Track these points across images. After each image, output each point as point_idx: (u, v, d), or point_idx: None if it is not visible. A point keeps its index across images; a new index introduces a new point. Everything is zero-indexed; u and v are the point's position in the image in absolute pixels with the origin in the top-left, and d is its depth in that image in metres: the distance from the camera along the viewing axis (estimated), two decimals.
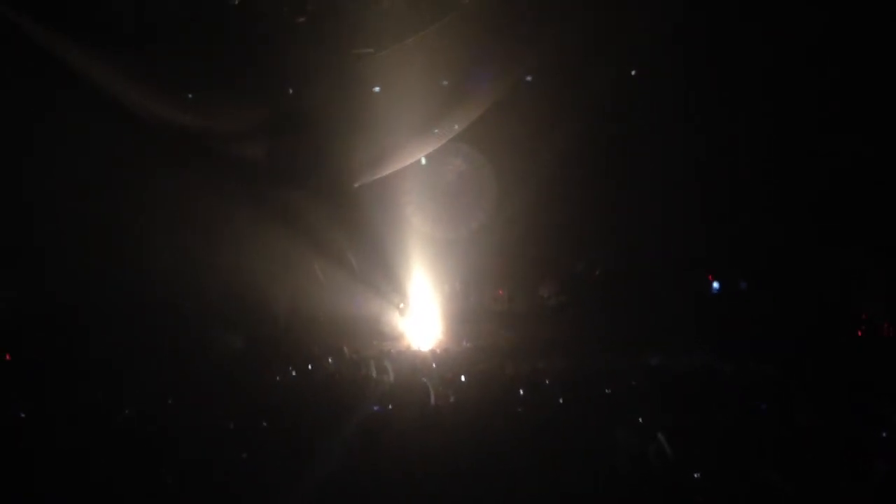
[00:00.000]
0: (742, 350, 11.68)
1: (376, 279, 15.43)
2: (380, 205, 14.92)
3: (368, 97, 13.82)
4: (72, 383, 10.68)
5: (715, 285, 15.25)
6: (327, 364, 12.45)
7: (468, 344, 14.26)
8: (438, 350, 13.86)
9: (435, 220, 15.38)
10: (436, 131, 14.08)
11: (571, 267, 16.23)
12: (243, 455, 8.17)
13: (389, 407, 9.57)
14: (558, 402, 9.72)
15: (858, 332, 13.15)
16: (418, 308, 15.56)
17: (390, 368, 11.76)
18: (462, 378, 11.03)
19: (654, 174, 14.36)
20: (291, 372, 11.90)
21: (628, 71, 14.23)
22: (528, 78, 14.29)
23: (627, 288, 14.83)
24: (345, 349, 13.19)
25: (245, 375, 11.46)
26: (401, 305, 15.53)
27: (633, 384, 10.44)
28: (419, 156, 14.45)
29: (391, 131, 14.02)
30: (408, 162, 14.40)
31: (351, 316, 15.44)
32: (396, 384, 10.89)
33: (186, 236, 14.04)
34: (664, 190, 14.41)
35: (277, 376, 11.62)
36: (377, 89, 13.88)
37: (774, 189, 13.68)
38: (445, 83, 13.61)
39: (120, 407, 9.63)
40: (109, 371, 11.08)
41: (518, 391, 10.15)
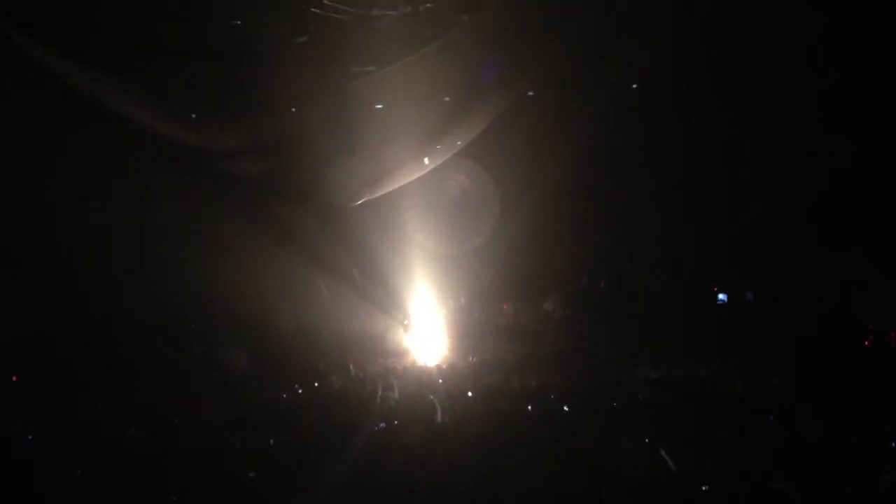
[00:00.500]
0: (748, 361, 11.64)
1: (380, 295, 15.43)
2: (383, 221, 14.95)
3: (371, 114, 13.89)
4: (76, 400, 10.69)
5: (721, 297, 15.23)
6: (333, 381, 12.44)
7: (474, 359, 14.21)
8: (444, 365, 13.82)
9: (438, 236, 15.39)
10: (438, 147, 14.11)
11: (576, 280, 16.22)
12: (250, 473, 8.16)
13: (395, 423, 9.56)
14: (565, 416, 9.70)
15: (865, 343, 13.12)
16: (423, 324, 15.55)
17: (396, 384, 11.75)
18: (468, 393, 11.00)
19: (657, 186, 14.38)
20: (297, 389, 11.89)
21: (629, 84, 14.29)
22: (530, 93, 14.35)
23: (632, 300, 14.81)
24: (350, 366, 13.19)
25: (251, 392, 11.45)
26: (405, 321, 15.52)
27: (640, 397, 10.42)
28: (422, 172, 14.47)
29: (394, 148, 14.08)
30: (411, 178, 14.43)
31: (356, 332, 15.45)
32: (402, 400, 10.86)
33: (191, 254, 14.07)
34: (667, 202, 14.42)
35: (283, 393, 11.60)
36: (379, 106, 13.95)
37: (779, 199, 13.68)
38: (447, 99, 13.66)
39: (124, 424, 9.62)
40: (114, 388, 11.08)
41: (525, 406, 10.13)
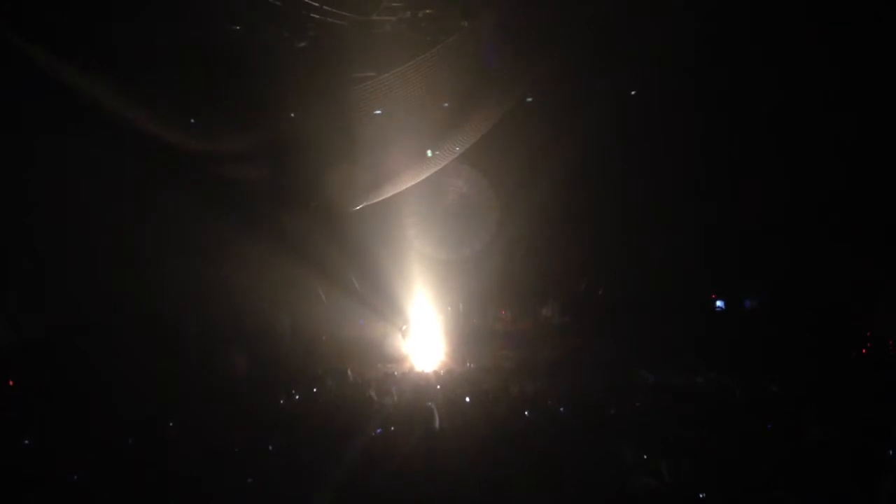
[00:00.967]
0: (746, 368, 11.64)
1: (379, 301, 15.43)
2: (382, 227, 14.96)
3: (370, 120, 13.91)
4: (73, 405, 10.66)
5: (719, 304, 15.23)
6: (331, 386, 12.42)
7: (471, 365, 14.20)
8: (442, 371, 13.81)
9: (437, 241, 15.40)
10: (437, 153, 14.12)
11: (574, 287, 16.23)
12: (248, 479, 8.14)
13: (393, 429, 9.55)
14: (563, 422, 9.69)
15: (864, 350, 13.11)
16: (421, 329, 15.54)
17: (394, 390, 11.73)
18: (466, 399, 11.00)
19: (655, 193, 14.40)
20: (295, 395, 11.87)
21: (628, 90, 14.32)
22: (529, 99, 14.38)
23: (630, 307, 14.81)
24: (348, 371, 13.17)
25: (249, 398, 11.43)
26: (404, 327, 15.51)
27: (638, 404, 10.41)
28: (421, 178, 14.48)
29: (392, 154, 14.10)
30: (409, 184, 14.44)
31: (354, 338, 15.45)
32: (400, 406, 10.85)
33: (189, 259, 14.07)
34: (666, 209, 14.44)
35: (281, 399, 11.58)
36: (378, 112, 13.97)
37: (779, 205, 13.70)
38: (446, 105, 13.69)
39: (121, 429, 9.60)
40: (111, 393, 11.05)
41: (522, 412, 10.13)
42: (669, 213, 14.38)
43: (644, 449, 8.09)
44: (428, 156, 14.07)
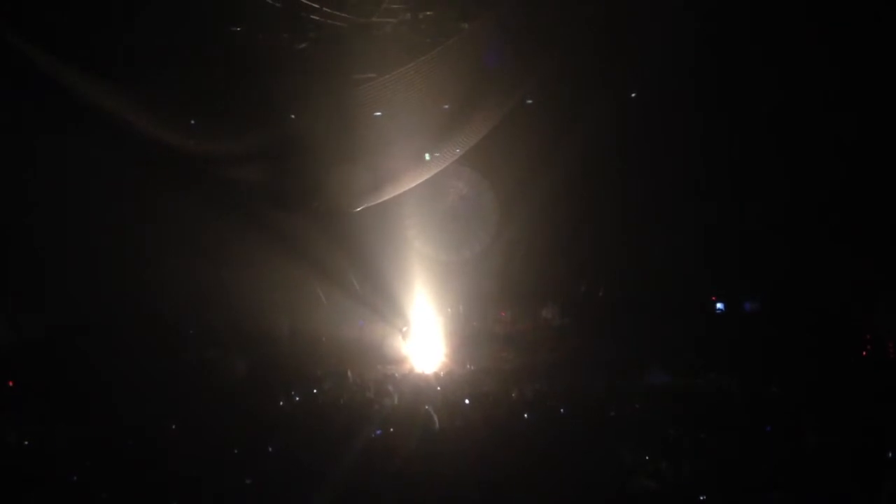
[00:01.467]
0: (746, 370, 11.63)
1: (379, 302, 15.42)
2: (382, 228, 14.95)
3: (370, 122, 13.91)
4: (73, 407, 10.66)
5: (719, 306, 15.22)
6: (331, 388, 12.41)
7: (471, 367, 14.18)
8: (442, 373, 13.80)
9: (437, 243, 15.40)
10: (437, 155, 14.12)
11: (574, 289, 16.22)
12: (247, 480, 8.14)
13: (392, 430, 9.55)
14: (563, 425, 9.69)
15: (864, 353, 13.11)
16: (421, 331, 15.53)
17: (394, 392, 11.73)
18: (466, 401, 10.99)
19: (656, 195, 14.40)
20: (295, 396, 11.87)
21: (629, 92, 14.32)
22: (529, 101, 14.38)
23: (630, 309, 14.81)
24: (348, 373, 13.16)
25: (248, 399, 11.43)
26: (404, 328, 15.50)
27: (637, 406, 10.40)
28: (421, 180, 14.49)
29: (393, 155, 14.09)
30: (410, 185, 14.44)
31: (354, 339, 15.44)
32: (400, 407, 10.84)
33: (189, 260, 14.07)
34: (666, 211, 14.44)
35: (281, 400, 11.58)
36: (379, 114, 13.97)
37: (779, 207, 13.70)
38: (446, 107, 13.69)
39: (121, 431, 9.60)
40: (111, 395, 11.05)
41: (522, 414, 10.12)
42: (669, 215, 14.38)
43: (644, 450, 8.09)
44: (428, 158, 14.09)
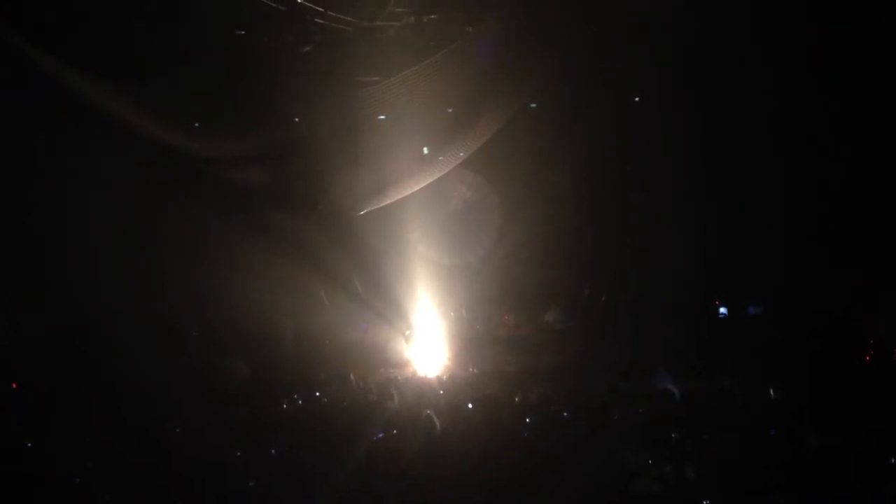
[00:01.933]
0: (749, 374, 11.60)
1: (382, 305, 15.43)
2: (385, 231, 14.97)
3: (374, 125, 13.93)
4: (75, 408, 10.66)
5: (722, 310, 15.20)
6: (333, 390, 12.41)
7: (475, 370, 14.18)
8: (445, 376, 13.77)
9: (441, 246, 15.41)
10: (441, 158, 14.14)
11: (577, 292, 16.21)
12: (250, 483, 8.14)
13: (395, 433, 9.54)
14: (566, 428, 9.66)
15: (867, 357, 13.06)
16: (424, 334, 15.53)
17: (396, 395, 11.72)
18: (469, 405, 10.97)
19: (659, 198, 14.39)
20: (297, 399, 11.86)
21: (632, 96, 14.33)
22: (533, 105, 14.39)
23: (633, 313, 14.79)
24: (351, 376, 13.14)
25: (251, 402, 11.43)
26: (407, 332, 15.50)
27: (641, 410, 10.37)
28: (424, 183, 14.51)
29: (396, 158, 14.12)
30: (413, 189, 14.46)
31: (357, 342, 15.45)
32: (402, 410, 10.83)
33: (192, 262, 14.09)
34: (669, 214, 14.43)
35: (283, 403, 11.57)
36: (383, 117, 14.00)
37: (781, 211, 13.68)
38: (450, 110, 13.71)
39: (123, 432, 9.60)
40: (114, 398, 11.06)
41: (525, 417, 10.10)
42: (671, 217, 14.37)
43: (647, 453, 8.07)
44: (431, 160, 14.10)
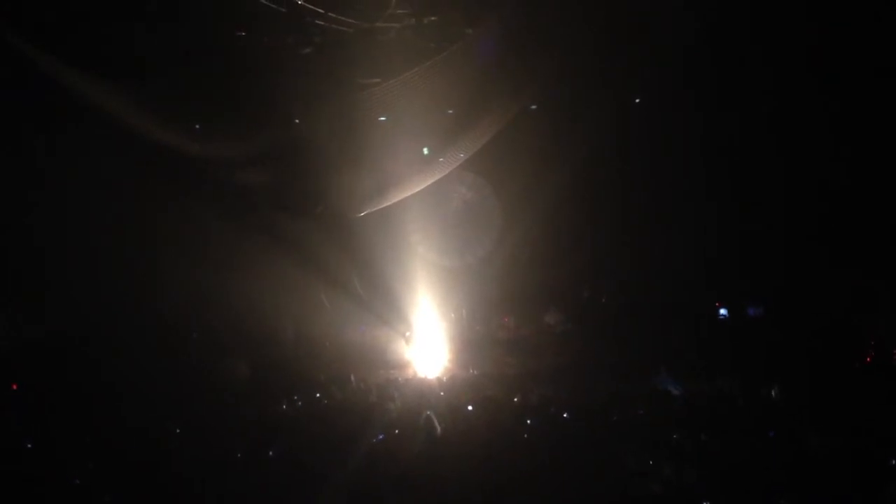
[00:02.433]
0: (749, 375, 11.60)
1: (382, 307, 15.42)
2: (386, 232, 14.96)
3: (374, 126, 13.95)
4: (75, 409, 10.67)
5: (722, 311, 15.20)
6: (334, 392, 12.41)
7: (475, 371, 14.17)
8: (445, 378, 13.77)
9: (440, 248, 15.40)
10: (441, 160, 14.15)
11: (577, 294, 16.21)
12: (251, 484, 8.14)
13: (396, 433, 9.55)
14: (566, 429, 9.67)
15: (867, 359, 13.07)
16: (424, 336, 15.52)
17: (397, 396, 11.72)
18: (469, 406, 10.98)
19: (658, 200, 14.40)
20: (297, 400, 11.86)
21: (632, 97, 14.33)
22: (533, 106, 14.40)
23: (633, 314, 14.79)
24: (351, 377, 13.15)
25: (251, 403, 11.44)
26: (407, 333, 15.49)
27: (641, 411, 10.39)
28: (425, 184, 14.52)
29: (397, 160, 14.13)
30: (413, 190, 14.47)
31: (357, 344, 15.44)
32: (403, 412, 10.84)
33: (193, 264, 14.10)
34: (669, 216, 14.44)
35: (283, 404, 11.58)
36: (383, 118, 14.01)
37: (781, 213, 13.69)
38: (450, 112, 13.73)
39: (123, 433, 9.61)
40: (114, 398, 11.06)
41: (525, 419, 10.11)
42: (671, 219, 14.37)
43: (647, 455, 8.08)
44: (432, 162, 14.11)
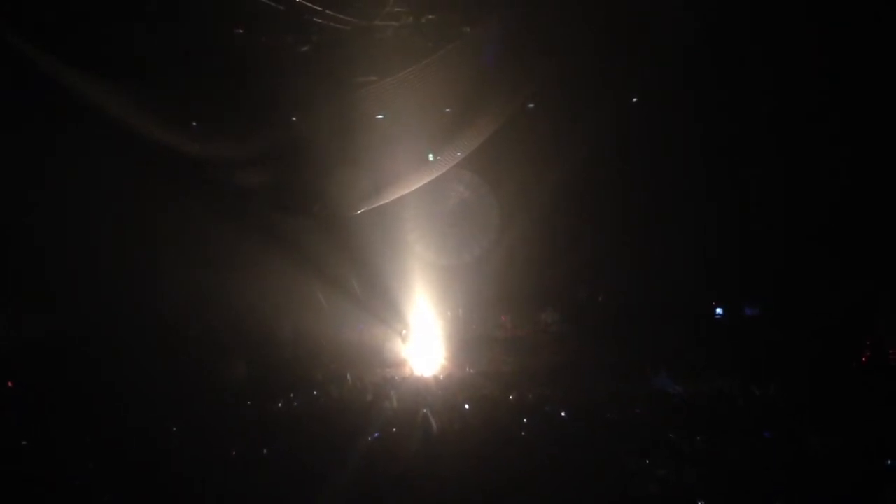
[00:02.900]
0: (747, 375, 11.62)
1: (379, 306, 15.41)
2: (383, 231, 14.95)
3: (372, 125, 13.94)
4: (73, 408, 10.66)
5: (719, 311, 15.21)
6: (330, 391, 12.41)
7: (471, 370, 14.17)
8: (442, 376, 13.78)
9: (438, 247, 15.39)
10: (438, 158, 14.14)
11: (574, 293, 16.21)
12: (248, 483, 8.14)
13: (393, 432, 9.55)
14: (562, 429, 9.68)
15: (864, 359, 13.09)
16: (421, 335, 15.52)
17: (393, 395, 11.72)
18: (466, 405, 10.99)
19: (657, 200, 14.40)
20: (294, 399, 11.86)
21: (630, 96, 14.33)
22: (531, 105, 14.39)
23: (630, 314, 14.80)
24: (348, 376, 13.16)
25: (248, 402, 11.43)
26: (404, 332, 15.49)
27: (638, 411, 10.40)
28: (422, 182, 14.51)
29: (394, 158, 14.12)
30: (411, 189, 14.46)
31: (354, 342, 15.44)
32: (399, 410, 10.84)
33: (190, 263, 14.08)
34: (667, 216, 14.44)
35: (280, 403, 11.58)
36: (381, 117, 14.00)
37: (780, 213, 13.70)
38: (448, 110, 13.72)
39: (121, 432, 9.60)
40: (114, 398, 11.05)
41: (522, 418, 10.12)
42: (670, 219, 14.38)
43: (645, 455, 8.09)
44: (429, 160, 14.11)
